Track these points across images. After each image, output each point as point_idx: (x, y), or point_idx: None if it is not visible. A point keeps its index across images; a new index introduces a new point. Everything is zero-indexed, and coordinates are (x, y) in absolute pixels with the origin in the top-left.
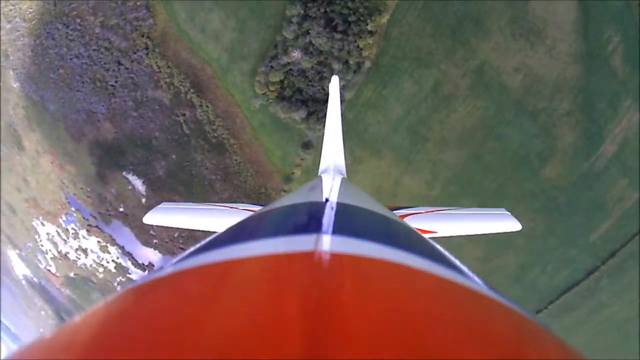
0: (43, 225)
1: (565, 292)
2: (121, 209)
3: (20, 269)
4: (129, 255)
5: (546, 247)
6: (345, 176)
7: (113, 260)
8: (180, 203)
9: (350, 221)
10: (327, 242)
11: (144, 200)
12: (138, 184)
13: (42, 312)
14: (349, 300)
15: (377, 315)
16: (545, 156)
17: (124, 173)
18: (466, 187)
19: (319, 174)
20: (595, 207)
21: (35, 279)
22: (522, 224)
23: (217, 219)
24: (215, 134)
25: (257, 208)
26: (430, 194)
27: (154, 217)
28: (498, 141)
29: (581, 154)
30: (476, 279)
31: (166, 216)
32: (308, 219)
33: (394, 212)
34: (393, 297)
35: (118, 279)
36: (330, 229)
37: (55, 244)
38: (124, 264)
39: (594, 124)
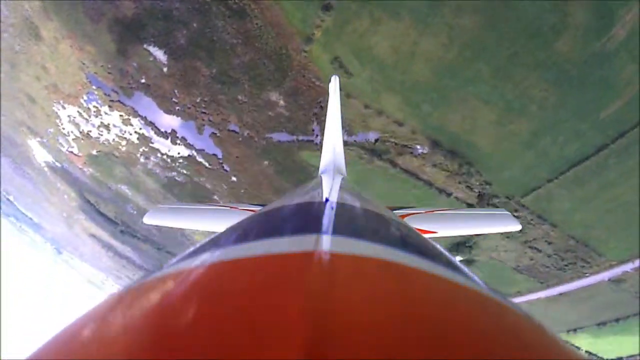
0: (64, 108)
1: (575, 165)
2: (143, 80)
3: (41, 156)
4: (151, 124)
5: (557, 118)
6: (346, 176)
7: (135, 132)
8: (180, 203)
9: (350, 221)
10: (327, 242)
11: (165, 69)
12: (159, 54)
13: (65, 196)
14: (349, 301)
15: (377, 315)
16: (558, 30)
17: (144, 45)
18: (481, 52)
19: (319, 174)
20: (606, 86)
21: (57, 164)
22: (534, 93)
23: (216, 219)
24: (236, 0)
25: (257, 208)
26: (447, 57)
27: (154, 218)
28: (513, 11)
29: (593, 32)
30: (476, 279)
31: (166, 217)
32: (308, 219)
33: (394, 212)
34: (393, 297)
35: (141, 150)
36: (330, 229)
37: (77, 125)
38: (146, 134)
39: (605, 6)
